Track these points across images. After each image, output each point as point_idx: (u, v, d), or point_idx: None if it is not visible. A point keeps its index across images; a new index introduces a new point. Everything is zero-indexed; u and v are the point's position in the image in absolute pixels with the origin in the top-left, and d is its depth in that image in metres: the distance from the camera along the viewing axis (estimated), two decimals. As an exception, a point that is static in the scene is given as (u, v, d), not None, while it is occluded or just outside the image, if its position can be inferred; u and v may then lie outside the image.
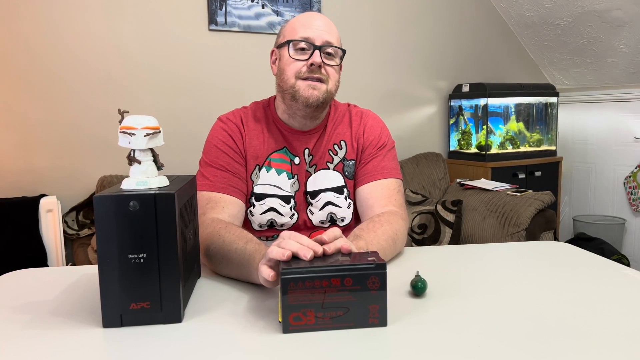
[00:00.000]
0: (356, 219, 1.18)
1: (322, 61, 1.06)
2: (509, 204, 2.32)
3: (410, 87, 2.98)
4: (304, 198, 1.14)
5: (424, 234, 2.44)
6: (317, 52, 1.06)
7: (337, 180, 1.15)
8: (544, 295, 0.79)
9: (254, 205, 1.12)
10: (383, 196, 1.11)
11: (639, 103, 2.86)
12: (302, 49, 1.07)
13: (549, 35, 3.04)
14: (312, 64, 1.05)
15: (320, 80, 1.07)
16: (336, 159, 1.15)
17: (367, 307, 0.66)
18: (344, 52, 1.12)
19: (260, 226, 1.13)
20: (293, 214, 1.13)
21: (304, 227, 1.15)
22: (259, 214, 1.12)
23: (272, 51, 1.16)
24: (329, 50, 1.08)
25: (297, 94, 1.07)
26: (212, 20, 2.45)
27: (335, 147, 1.16)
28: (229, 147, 1.12)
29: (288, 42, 1.08)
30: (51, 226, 2.07)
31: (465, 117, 2.99)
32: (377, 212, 1.08)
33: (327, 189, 1.14)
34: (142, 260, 0.67)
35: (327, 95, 1.09)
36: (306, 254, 0.69)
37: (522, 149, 3.03)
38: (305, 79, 1.07)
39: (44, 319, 0.71)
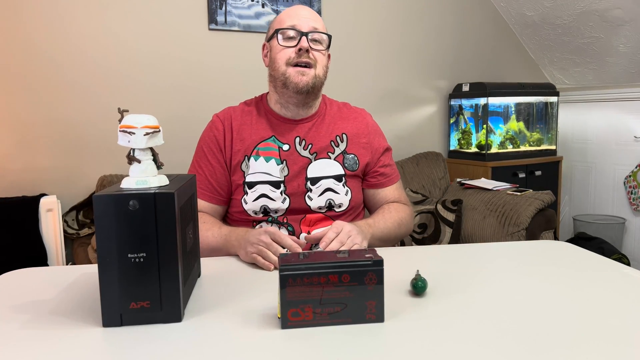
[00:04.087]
0: (353, 208, 1.24)
1: (310, 46, 1.14)
2: (509, 203, 2.32)
3: (410, 86, 2.98)
4: (299, 183, 1.18)
5: (424, 234, 2.44)
6: (304, 37, 1.13)
7: (337, 169, 1.21)
8: (544, 294, 0.78)
9: (247, 193, 1.17)
10: (395, 196, 1.29)
11: (639, 102, 2.86)
12: (290, 37, 1.15)
13: (549, 34, 3.04)
14: (300, 49, 1.13)
15: (308, 65, 1.14)
16: (337, 150, 1.22)
17: (364, 303, 0.67)
18: (330, 38, 1.19)
19: (255, 213, 1.18)
20: (284, 199, 1.17)
21: (296, 212, 1.19)
22: (252, 201, 1.17)
23: (264, 45, 1.24)
24: (316, 36, 1.16)
25: (287, 80, 1.14)
26: (212, 19, 2.45)
27: (338, 139, 1.23)
28: (211, 149, 1.21)
29: (276, 31, 1.16)
30: (51, 225, 2.07)
31: (465, 117, 2.98)
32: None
33: (327, 177, 1.19)
34: (142, 260, 0.67)
35: (316, 80, 1.16)
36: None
37: (522, 148, 3.02)
38: (295, 65, 1.14)
39: (43, 318, 0.71)
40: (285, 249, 0.96)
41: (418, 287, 0.78)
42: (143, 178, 0.70)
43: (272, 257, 0.94)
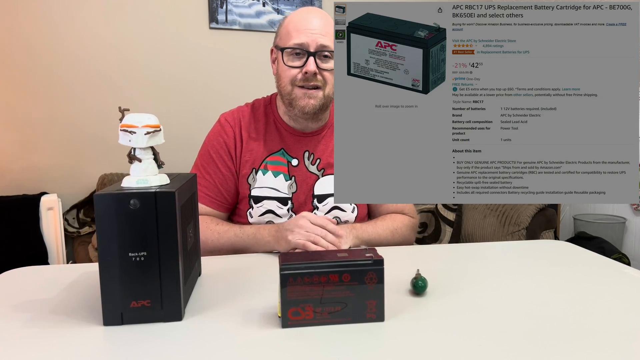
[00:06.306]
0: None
1: (318, 67, 1.06)
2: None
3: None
4: (306, 200, 1.15)
5: (424, 233, 2.45)
6: (311, 59, 1.05)
7: None
8: (544, 294, 0.79)
9: (252, 207, 1.14)
10: (398, 208, 1.23)
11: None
12: (297, 54, 1.07)
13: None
14: (306, 72, 1.06)
15: (316, 87, 1.08)
16: None
17: (364, 303, 0.67)
18: None
19: None
20: (291, 216, 1.14)
21: None
22: (258, 216, 1.14)
23: (272, 49, 1.16)
24: (325, 53, 1.07)
25: (293, 102, 1.09)
26: (212, 18, 2.45)
27: None
28: (221, 156, 1.15)
29: (282, 49, 1.08)
30: (52, 224, 2.07)
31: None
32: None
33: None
34: (142, 259, 0.67)
35: (325, 100, 1.10)
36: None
37: (523, 147, 3.02)
38: (302, 86, 1.07)
39: (44, 317, 0.71)
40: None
41: (418, 287, 0.78)
42: (144, 177, 0.71)
43: (324, 243, 0.96)
